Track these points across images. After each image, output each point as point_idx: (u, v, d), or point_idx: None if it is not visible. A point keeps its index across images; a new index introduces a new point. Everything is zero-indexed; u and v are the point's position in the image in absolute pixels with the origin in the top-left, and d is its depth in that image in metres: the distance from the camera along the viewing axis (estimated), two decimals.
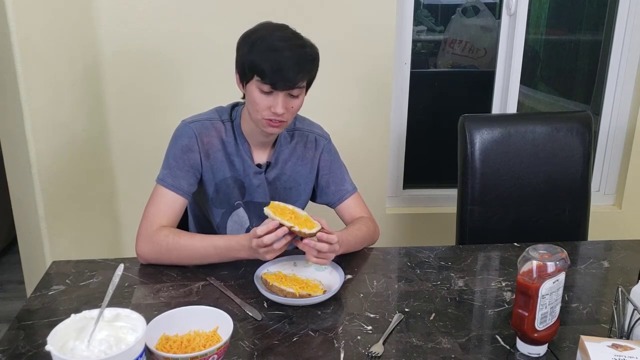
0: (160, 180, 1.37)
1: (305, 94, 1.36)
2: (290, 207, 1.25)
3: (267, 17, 2.08)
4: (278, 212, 1.21)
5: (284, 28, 1.32)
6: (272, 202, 1.25)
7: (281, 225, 1.19)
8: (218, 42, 2.09)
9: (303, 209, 1.55)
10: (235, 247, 1.29)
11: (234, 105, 1.46)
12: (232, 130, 1.42)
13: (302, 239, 1.21)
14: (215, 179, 1.43)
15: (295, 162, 1.48)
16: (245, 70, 1.29)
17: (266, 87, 1.27)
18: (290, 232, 1.19)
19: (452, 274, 1.34)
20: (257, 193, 1.46)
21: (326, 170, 1.51)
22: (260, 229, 1.20)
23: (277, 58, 1.25)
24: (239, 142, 1.42)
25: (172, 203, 1.36)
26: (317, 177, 1.52)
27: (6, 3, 1.75)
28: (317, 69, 1.34)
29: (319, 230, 1.21)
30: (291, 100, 1.31)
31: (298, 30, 1.35)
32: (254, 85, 1.29)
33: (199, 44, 2.11)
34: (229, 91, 1.48)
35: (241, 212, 1.48)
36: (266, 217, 1.45)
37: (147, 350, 0.88)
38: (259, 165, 1.44)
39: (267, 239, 1.18)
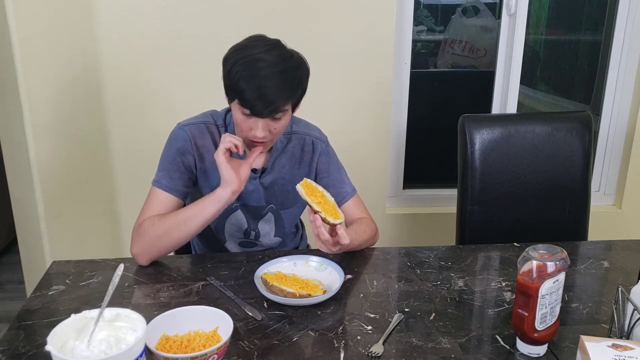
0: (156, 182, 1.37)
1: (294, 111, 1.34)
2: (321, 188, 1.27)
3: (268, 18, 2.09)
4: (309, 192, 1.23)
5: (272, 48, 1.26)
6: (305, 179, 1.26)
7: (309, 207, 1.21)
8: (218, 43, 2.07)
9: (301, 213, 1.56)
10: (208, 197, 1.30)
11: (228, 110, 1.45)
12: None
13: (315, 213, 1.22)
14: (211, 182, 1.42)
15: (292, 165, 1.47)
16: (228, 90, 1.29)
17: (246, 111, 1.26)
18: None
19: (452, 274, 1.34)
20: (252, 197, 1.46)
21: (324, 173, 1.51)
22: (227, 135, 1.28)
23: (257, 86, 1.21)
24: None
25: (167, 204, 1.36)
26: (316, 180, 1.51)
27: (6, 3, 1.75)
28: (303, 89, 1.31)
29: (340, 223, 1.22)
30: (273, 122, 1.28)
31: (297, 31, 1.35)
32: (236, 106, 1.28)
33: (199, 45, 2.11)
34: None
35: (239, 214, 1.48)
36: (263, 218, 1.46)
37: (147, 350, 0.88)
38: (254, 171, 1.44)
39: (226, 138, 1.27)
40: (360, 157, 2.24)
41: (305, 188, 1.24)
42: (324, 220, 1.21)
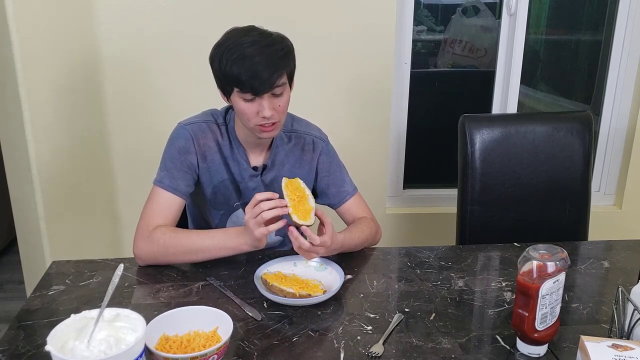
0: (158, 182, 1.37)
1: (291, 88, 1.35)
2: (307, 191, 1.27)
3: (268, 17, 2.08)
4: (290, 188, 1.24)
5: (250, 31, 1.29)
6: (296, 178, 1.28)
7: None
8: None
9: None
10: (232, 234, 1.30)
11: (228, 108, 1.45)
12: (227, 134, 1.42)
13: (289, 226, 1.23)
14: (213, 181, 1.43)
15: (292, 164, 1.48)
16: (224, 84, 1.30)
17: (248, 95, 1.27)
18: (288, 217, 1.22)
19: (452, 274, 1.34)
20: (254, 195, 1.45)
21: (325, 172, 1.51)
22: (260, 194, 1.22)
23: (248, 65, 1.23)
24: (234, 146, 1.42)
25: (170, 204, 1.36)
26: (317, 179, 1.51)
27: (6, 3, 1.76)
28: (293, 61, 1.33)
29: (306, 225, 1.22)
30: (276, 99, 1.30)
31: (298, 30, 1.35)
32: (237, 97, 1.29)
33: (199, 44, 2.09)
34: None
35: (240, 213, 1.48)
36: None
37: (147, 351, 0.88)
38: (255, 168, 1.44)
39: (264, 205, 1.20)
40: (360, 157, 2.24)
41: (289, 184, 1.25)
42: (289, 216, 1.21)
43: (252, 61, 1.24)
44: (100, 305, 0.87)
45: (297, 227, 1.23)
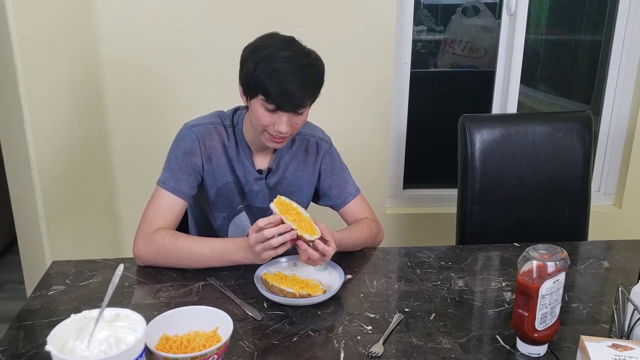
0: (162, 182, 1.37)
1: (310, 106, 1.34)
2: (295, 204, 1.25)
3: (268, 18, 2.08)
4: (283, 210, 1.21)
5: (290, 44, 1.28)
6: (279, 196, 1.24)
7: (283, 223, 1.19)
8: (219, 43, 2.09)
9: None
10: (231, 249, 1.28)
11: (235, 110, 1.45)
12: (234, 136, 1.42)
13: (297, 238, 1.21)
14: (217, 183, 1.42)
15: (296, 166, 1.48)
16: (251, 87, 1.28)
17: (271, 107, 1.26)
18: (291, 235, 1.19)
19: (452, 274, 1.34)
20: (257, 198, 1.46)
21: (328, 174, 1.51)
22: (262, 220, 1.19)
23: (282, 81, 1.23)
24: (240, 148, 1.42)
25: (172, 205, 1.36)
26: (319, 180, 1.51)
27: (6, 3, 1.75)
28: (322, 85, 1.32)
29: (317, 238, 1.21)
30: (296, 117, 1.30)
31: (298, 30, 1.35)
32: (259, 103, 1.28)
33: (200, 44, 2.11)
34: (229, 93, 1.47)
35: (243, 216, 1.48)
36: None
37: (147, 351, 0.88)
38: (259, 171, 1.44)
39: (267, 232, 1.17)
40: (361, 157, 2.24)
41: (279, 206, 1.21)
42: (299, 237, 1.19)
43: (286, 79, 1.23)
44: (100, 305, 0.87)
45: (308, 243, 1.22)
